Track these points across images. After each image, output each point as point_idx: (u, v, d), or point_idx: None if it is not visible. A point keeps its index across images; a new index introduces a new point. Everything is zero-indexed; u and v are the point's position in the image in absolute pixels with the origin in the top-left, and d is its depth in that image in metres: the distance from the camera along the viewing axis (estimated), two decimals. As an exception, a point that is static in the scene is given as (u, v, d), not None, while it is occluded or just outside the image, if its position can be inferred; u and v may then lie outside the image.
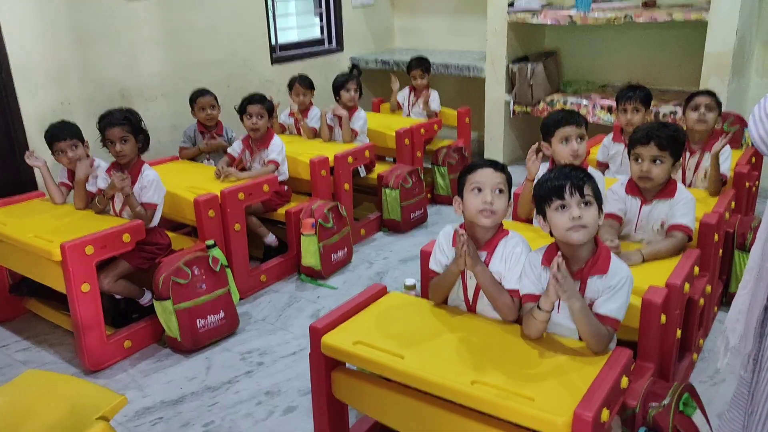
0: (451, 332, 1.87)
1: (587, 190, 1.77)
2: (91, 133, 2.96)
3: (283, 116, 4.17)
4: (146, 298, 2.95)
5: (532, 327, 1.80)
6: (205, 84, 4.08)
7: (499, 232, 1.98)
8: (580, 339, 1.83)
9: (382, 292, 2.08)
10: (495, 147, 4.78)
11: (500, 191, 1.92)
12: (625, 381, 1.64)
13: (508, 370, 1.66)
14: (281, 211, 3.47)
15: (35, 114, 3.50)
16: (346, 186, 3.69)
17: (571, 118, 2.52)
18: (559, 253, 1.72)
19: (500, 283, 1.91)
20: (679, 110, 3.95)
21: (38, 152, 3.08)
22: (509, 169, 2.02)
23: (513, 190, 2.69)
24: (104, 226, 2.68)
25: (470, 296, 1.99)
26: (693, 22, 3.86)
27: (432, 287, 2.03)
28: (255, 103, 3.39)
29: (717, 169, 2.87)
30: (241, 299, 3.17)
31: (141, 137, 2.84)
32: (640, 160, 2.40)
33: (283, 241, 3.56)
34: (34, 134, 3.47)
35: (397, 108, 4.67)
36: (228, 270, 2.90)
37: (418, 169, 4.02)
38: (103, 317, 2.79)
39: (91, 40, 3.71)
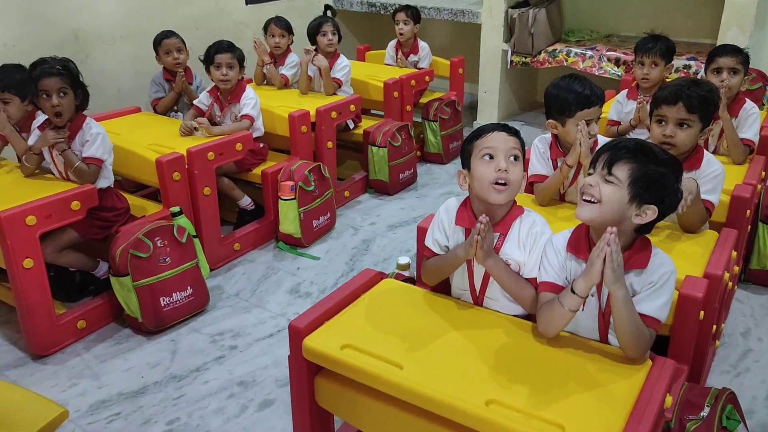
0: (457, 333, 1.57)
1: None
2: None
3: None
4: (101, 270, 2.62)
5: (555, 319, 1.50)
6: (171, 26, 3.63)
7: (514, 209, 1.68)
8: (600, 341, 1.56)
9: (376, 279, 1.77)
10: (490, 100, 4.42)
11: (515, 158, 1.62)
12: (669, 400, 1.37)
13: (530, 385, 1.38)
14: (257, 171, 3.12)
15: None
16: (330, 144, 3.33)
17: (591, 97, 2.09)
18: (614, 229, 1.40)
19: (517, 274, 1.62)
20: (694, 64, 3.63)
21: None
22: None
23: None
24: (51, 191, 2.32)
25: (477, 285, 1.69)
26: (714, -35, 3.50)
27: (428, 268, 1.74)
28: (224, 51, 2.98)
29: (734, 133, 2.58)
30: (211, 271, 2.85)
31: (80, 93, 2.41)
32: (663, 123, 2.09)
33: (259, 203, 3.22)
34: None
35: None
36: (196, 240, 2.57)
37: (408, 125, 3.67)
38: (55, 291, 2.47)
39: (37, -28, 3.25)
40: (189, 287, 2.51)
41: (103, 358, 2.35)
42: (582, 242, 1.56)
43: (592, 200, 1.48)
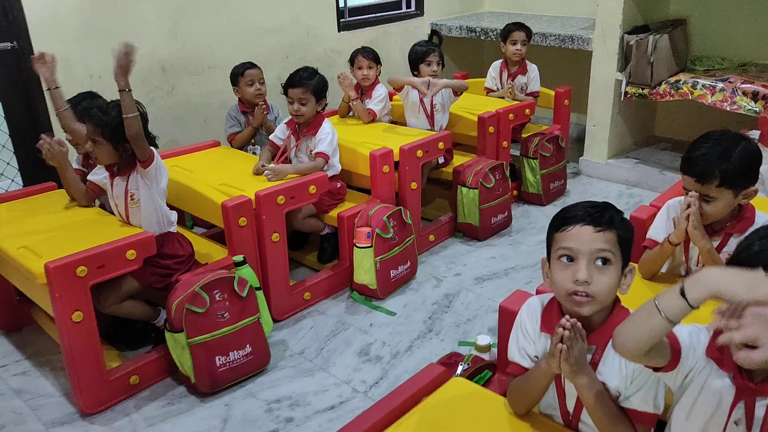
0: (540, 470, 1.22)
1: None
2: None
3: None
4: (162, 319, 2.45)
5: None
6: (260, 54, 3.54)
7: (617, 312, 1.29)
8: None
9: (442, 378, 1.45)
10: (599, 136, 3.95)
11: (604, 261, 1.23)
12: None
13: None
14: (333, 213, 2.88)
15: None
16: (414, 185, 3.04)
17: (696, 165, 1.66)
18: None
19: (615, 401, 1.24)
20: None
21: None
22: (615, 162, 1.32)
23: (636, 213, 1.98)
24: (106, 237, 2.17)
25: (570, 407, 1.32)
26: None
27: (512, 391, 1.37)
28: (296, 86, 2.77)
29: None
30: (278, 321, 2.63)
31: (122, 147, 2.24)
32: None
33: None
34: (58, 112, 3.01)
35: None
36: (259, 293, 2.35)
37: (503, 164, 3.31)
38: (115, 340, 2.35)
39: (126, 2, 3.20)
40: (248, 345, 2.29)
41: (151, 420, 2.16)
42: (725, 355, 1.16)
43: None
